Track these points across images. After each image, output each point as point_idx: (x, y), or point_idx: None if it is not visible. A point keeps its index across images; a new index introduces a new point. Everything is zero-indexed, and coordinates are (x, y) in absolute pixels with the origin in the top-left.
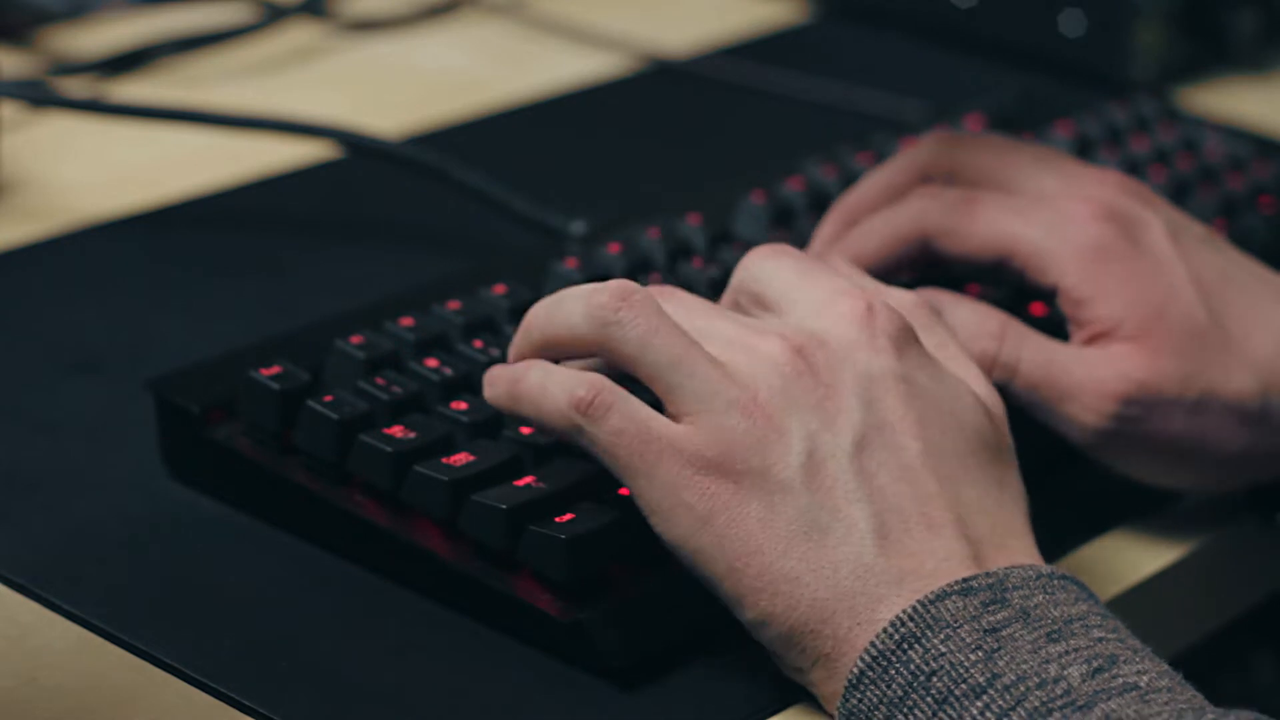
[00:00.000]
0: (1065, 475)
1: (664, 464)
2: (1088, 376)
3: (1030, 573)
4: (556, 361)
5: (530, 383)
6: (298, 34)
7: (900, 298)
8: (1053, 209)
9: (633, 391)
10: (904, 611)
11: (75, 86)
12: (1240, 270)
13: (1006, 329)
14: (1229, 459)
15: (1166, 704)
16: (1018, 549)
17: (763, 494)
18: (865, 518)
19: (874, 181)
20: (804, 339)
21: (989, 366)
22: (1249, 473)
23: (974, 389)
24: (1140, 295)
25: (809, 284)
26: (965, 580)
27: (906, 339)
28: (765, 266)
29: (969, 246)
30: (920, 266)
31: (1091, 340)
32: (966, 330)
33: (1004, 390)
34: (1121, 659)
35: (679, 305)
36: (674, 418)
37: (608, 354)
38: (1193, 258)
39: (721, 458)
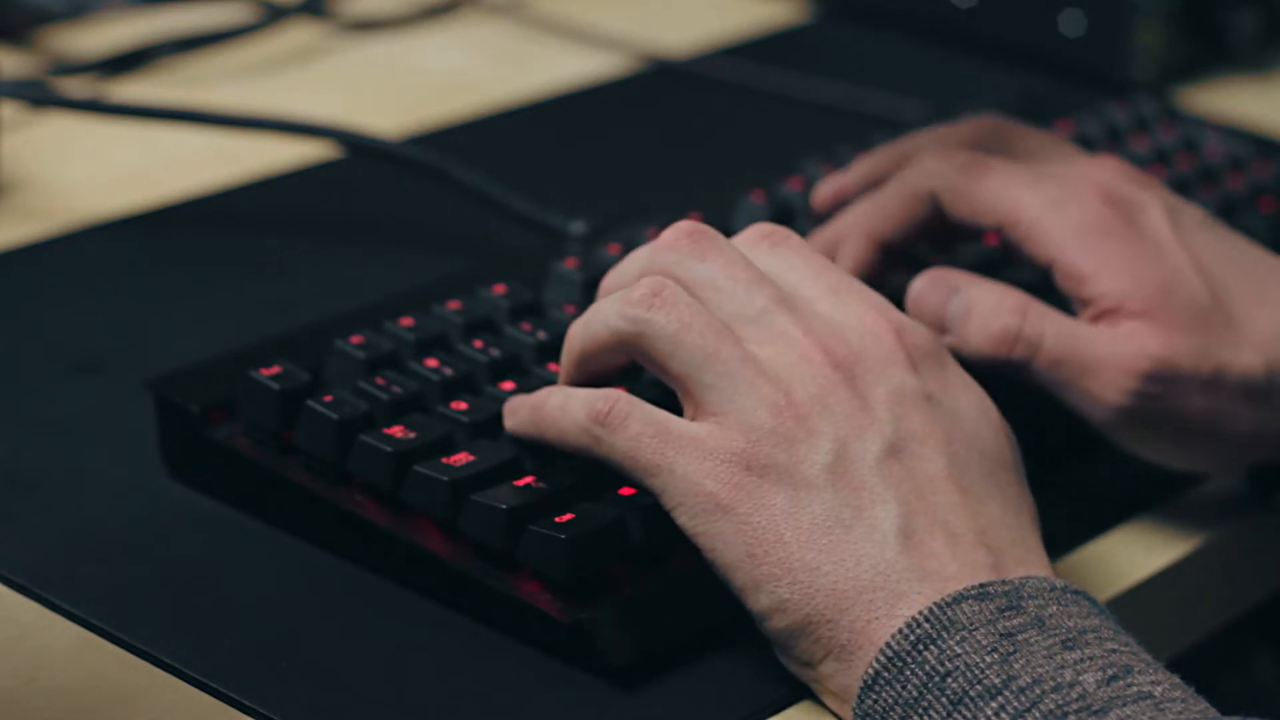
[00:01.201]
0: (1065, 474)
1: (685, 456)
2: (1110, 353)
3: (1045, 584)
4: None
5: (552, 405)
6: (298, 34)
7: (916, 324)
8: (1057, 185)
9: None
10: (920, 613)
11: (75, 86)
12: (1238, 251)
13: (1028, 306)
14: (1239, 438)
15: (1181, 713)
16: (1035, 564)
17: (788, 488)
18: (889, 518)
19: (872, 159)
20: (843, 350)
21: (1012, 342)
22: (1258, 453)
23: (991, 412)
24: (1142, 274)
25: (836, 297)
26: (982, 586)
27: (935, 361)
28: (780, 263)
29: (973, 207)
30: (930, 233)
31: (1100, 316)
32: (988, 307)
33: (1024, 370)
34: (1136, 669)
35: (729, 283)
36: (699, 417)
37: (639, 351)
38: (1191, 240)
39: (748, 452)
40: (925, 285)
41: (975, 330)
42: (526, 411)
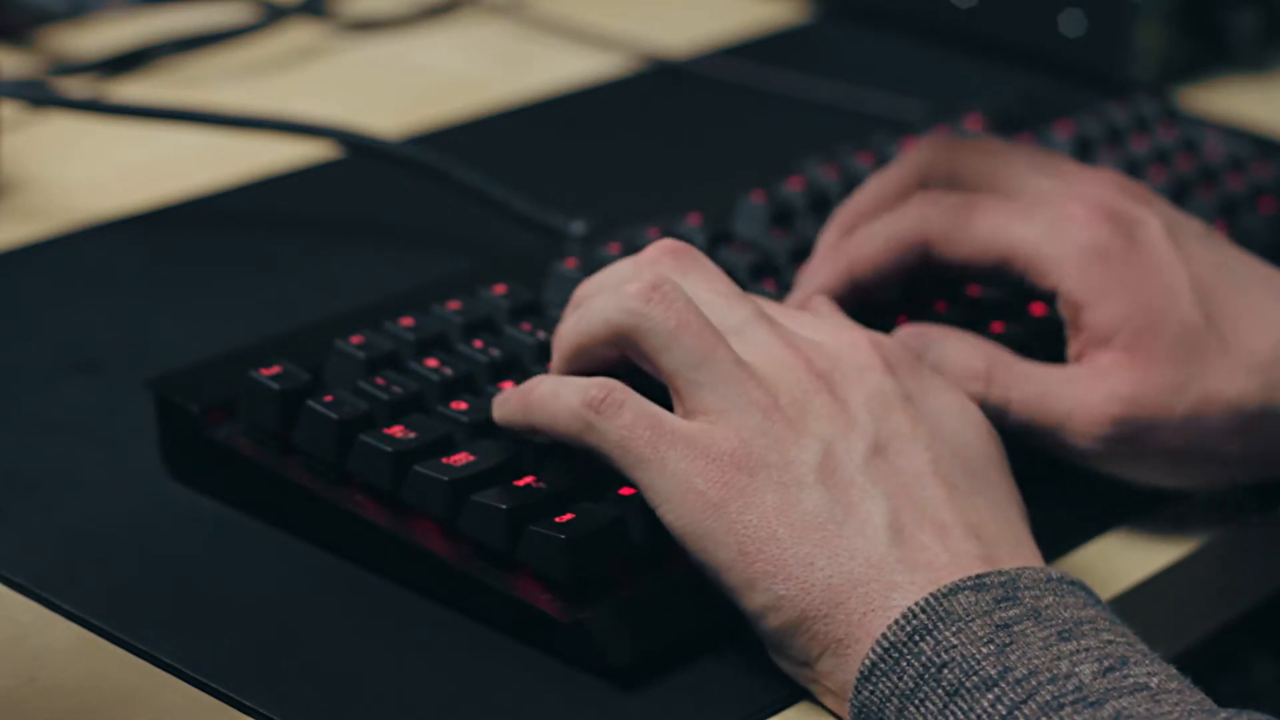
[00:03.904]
0: (1065, 475)
1: (677, 452)
2: (1078, 401)
3: (1041, 575)
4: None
5: (543, 390)
6: (298, 34)
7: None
8: (1052, 211)
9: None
10: (916, 604)
11: (75, 86)
12: (1240, 267)
13: (993, 368)
14: (1230, 461)
15: (1177, 704)
16: (1026, 556)
17: (778, 487)
18: (879, 513)
19: (872, 188)
20: (821, 361)
21: (978, 405)
22: (1251, 473)
23: (972, 412)
24: (1137, 300)
25: (809, 317)
26: (978, 576)
27: (911, 366)
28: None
29: (969, 251)
30: (919, 273)
31: (1086, 347)
32: (955, 368)
33: (997, 420)
34: (1132, 660)
35: (711, 296)
36: (690, 416)
37: (633, 345)
38: (1191, 257)
39: (738, 451)
40: (901, 339)
41: None
42: (516, 399)
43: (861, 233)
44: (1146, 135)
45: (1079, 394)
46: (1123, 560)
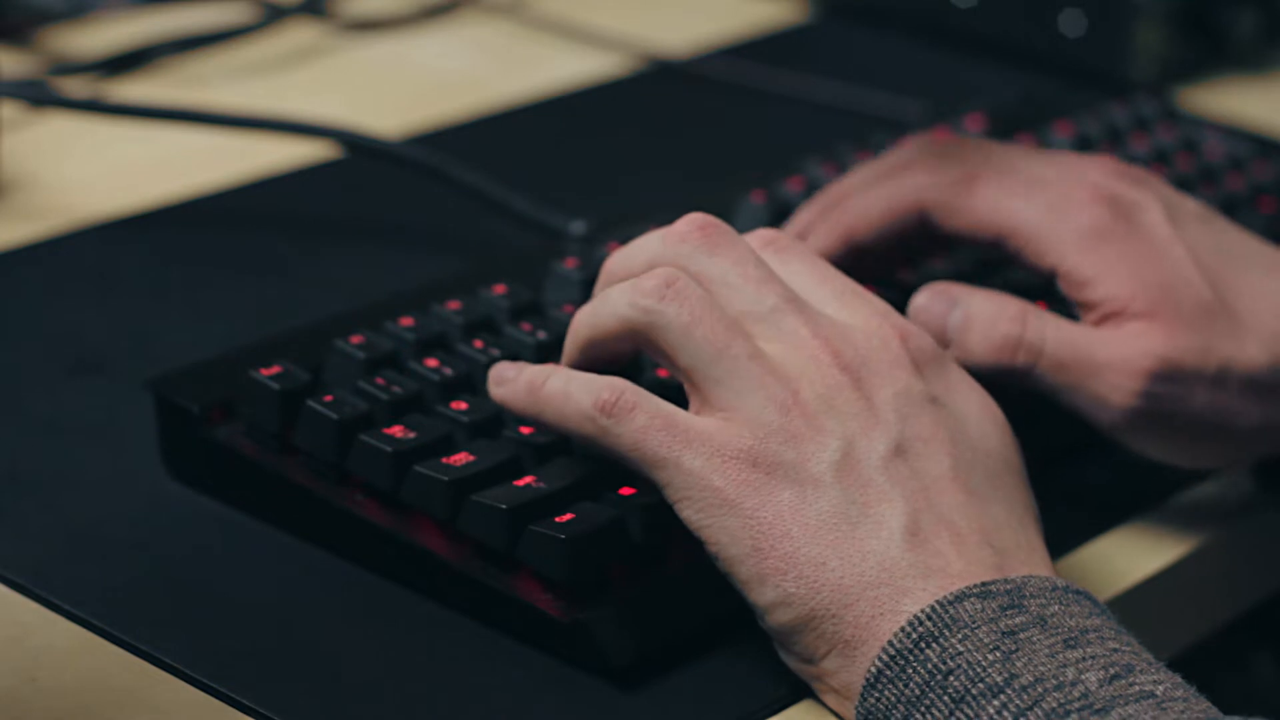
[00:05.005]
0: (1065, 474)
1: (692, 450)
2: (1115, 355)
3: (1047, 584)
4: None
5: (552, 388)
6: (298, 34)
7: (920, 330)
8: (1052, 191)
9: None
10: (921, 611)
11: (75, 86)
12: (1237, 244)
13: (1028, 313)
14: (1246, 433)
15: (1183, 712)
16: (1038, 565)
17: (795, 485)
18: (895, 516)
19: (863, 172)
20: (850, 353)
21: (1014, 349)
22: (1264, 447)
23: (995, 415)
24: (1144, 275)
25: (841, 301)
26: (984, 584)
27: (939, 365)
28: (784, 269)
29: (967, 223)
30: (915, 242)
31: (1104, 320)
32: (988, 316)
33: (1028, 377)
34: (1138, 668)
35: (740, 279)
36: (707, 412)
37: (649, 342)
38: (1190, 237)
39: (755, 448)
40: (925, 299)
41: (977, 340)
42: (523, 390)
43: (862, 196)
44: (1146, 135)
45: (1116, 349)
46: (1123, 560)
